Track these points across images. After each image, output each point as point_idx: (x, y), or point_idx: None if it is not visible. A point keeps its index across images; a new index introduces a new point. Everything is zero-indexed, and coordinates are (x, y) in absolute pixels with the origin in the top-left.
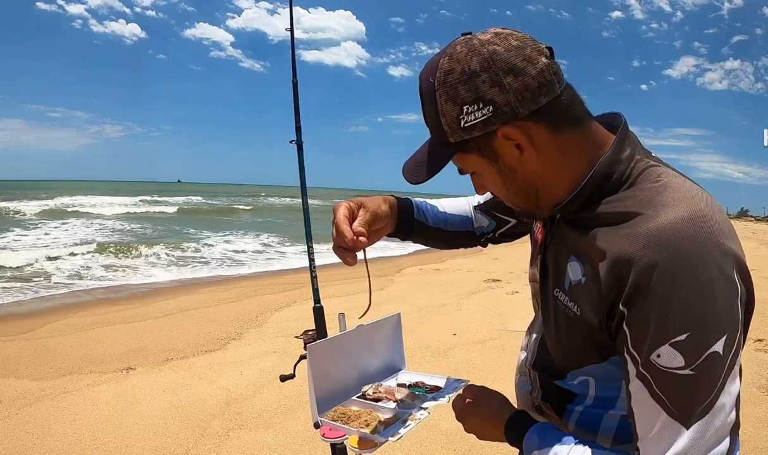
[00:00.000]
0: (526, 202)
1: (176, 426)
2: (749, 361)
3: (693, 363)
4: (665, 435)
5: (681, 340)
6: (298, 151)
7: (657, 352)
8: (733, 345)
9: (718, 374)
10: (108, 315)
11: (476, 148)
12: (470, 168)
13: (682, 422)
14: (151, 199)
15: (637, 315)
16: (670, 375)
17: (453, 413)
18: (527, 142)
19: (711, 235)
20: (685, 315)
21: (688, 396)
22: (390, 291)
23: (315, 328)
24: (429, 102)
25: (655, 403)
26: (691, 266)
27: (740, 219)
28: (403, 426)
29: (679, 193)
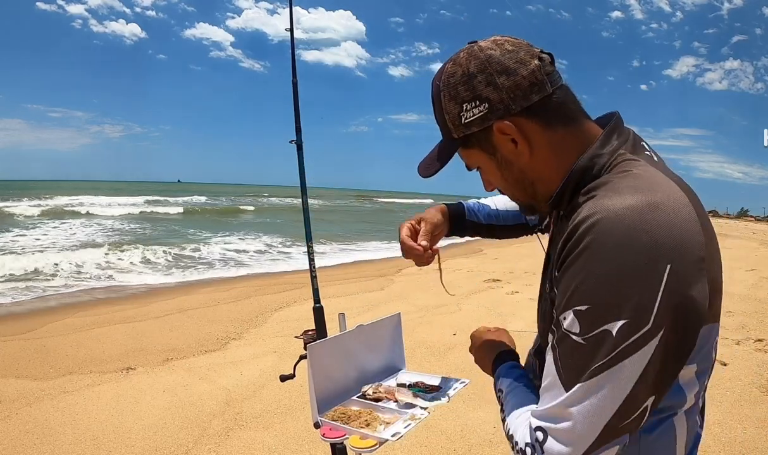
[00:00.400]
0: (524, 194)
1: (176, 426)
2: (749, 361)
3: (586, 334)
4: (552, 387)
5: (582, 310)
6: (298, 151)
7: (564, 315)
8: (634, 335)
9: (605, 353)
10: (108, 315)
11: (477, 143)
12: (474, 162)
13: (564, 383)
14: (155, 200)
15: (561, 281)
16: (567, 337)
17: (453, 413)
18: (520, 136)
19: (650, 228)
20: (592, 289)
21: (574, 361)
22: (390, 291)
23: (315, 328)
24: (437, 103)
25: (552, 360)
26: (614, 249)
27: (740, 219)
28: (403, 426)
29: (637, 183)
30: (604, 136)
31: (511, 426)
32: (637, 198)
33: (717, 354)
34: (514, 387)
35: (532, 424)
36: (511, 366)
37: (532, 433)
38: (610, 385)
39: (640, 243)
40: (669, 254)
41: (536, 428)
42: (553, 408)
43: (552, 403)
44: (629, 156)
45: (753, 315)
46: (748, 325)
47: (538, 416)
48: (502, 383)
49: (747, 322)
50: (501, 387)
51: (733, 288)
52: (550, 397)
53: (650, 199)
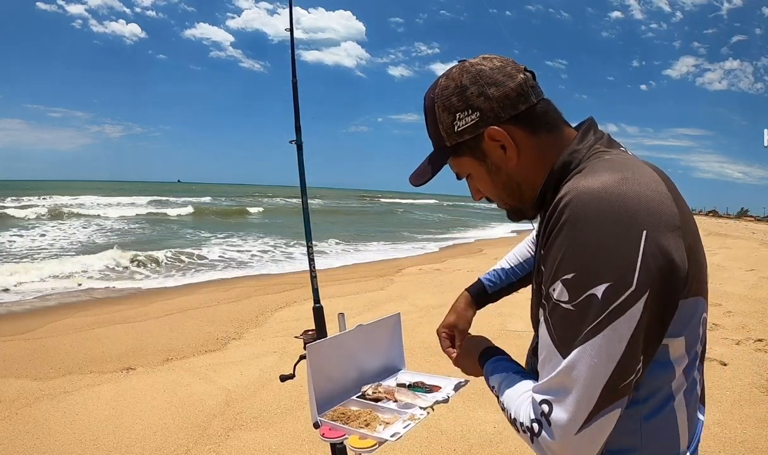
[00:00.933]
0: (512, 197)
1: (176, 426)
2: (749, 361)
3: (575, 300)
4: (551, 358)
5: (569, 278)
6: (298, 150)
7: (553, 287)
8: (619, 296)
9: (594, 315)
10: (108, 315)
11: (468, 151)
12: (464, 170)
13: (561, 351)
14: (160, 200)
15: (547, 256)
16: (558, 307)
17: (453, 413)
18: (509, 141)
19: (622, 198)
20: (575, 258)
21: (567, 328)
22: (390, 291)
23: (315, 328)
24: (430, 114)
25: (546, 331)
26: (592, 219)
27: (740, 219)
28: (402, 426)
29: (610, 164)
30: (581, 134)
31: (512, 410)
32: (610, 175)
33: (716, 354)
34: (505, 376)
35: (536, 399)
36: (497, 360)
37: (536, 408)
38: (603, 346)
39: (616, 212)
40: (644, 221)
41: (541, 401)
42: (553, 379)
43: (552, 374)
44: (604, 149)
45: (753, 315)
46: (748, 325)
47: (539, 390)
48: (493, 379)
49: (747, 322)
50: (493, 383)
51: (733, 288)
52: (550, 368)
53: (622, 175)
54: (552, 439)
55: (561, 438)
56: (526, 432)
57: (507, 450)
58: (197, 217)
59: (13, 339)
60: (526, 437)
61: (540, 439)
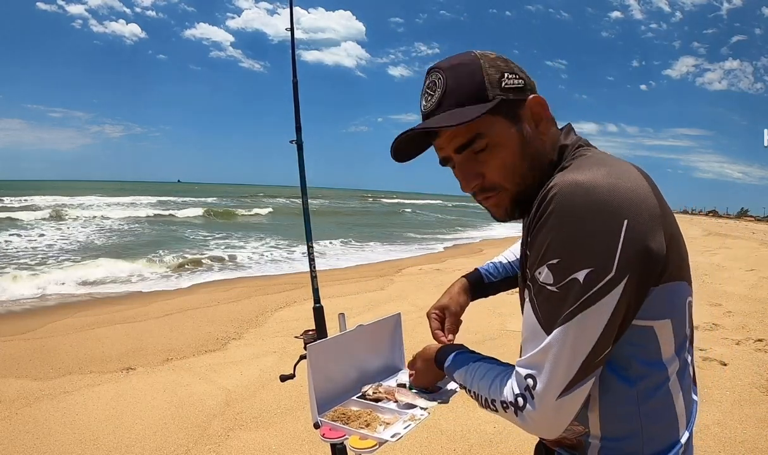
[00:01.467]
0: (531, 176)
1: (176, 426)
2: (749, 361)
3: (558, 283)
4: (535, 336)
5: (554, 263)
6: (298, 150)
7: (539, 270)
8: (599, 281)
9: (576, 298)
10: (108, 315)
11: (505, 111)
12: (491, 133)
13: (545, 329)
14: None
15: (534, 241)
16: (543, 289)
17: (453, 413)
18: (548, 114)
19: (604, 190)
20: (560, 245)
21: (551, 308)
22: (390, 291)
23: (315, 328)
24: (465, 67)
25: (532, 312)
26: (577, 209)
27: (740, 219)
28: (402, 427)
29: (594, 160)
30: (565, 132)
31: (491, 392)
32: (595, 169)
33: (716, 354)
34: (471, 366)
35: (521, 373)
36: (456, 354)
37: (521, 382)
38: (583, 326)
39: (600, 202)
40: (625, 210)
41: (526, 376)
42: (537, 355)
43: (536, 350)
44: (586, 146)
45: (753, 315)
46: (748, 325)
47: (524, 365)
48: (458, 375)
49: (747, 322)
50: (459, 379)
51: (733, 288)
52: (534, 345)
53: (606, 170)
54: (533, 409)
55: (541, 406)
56: (509, 408)
57: (507, 450)
58: (219, 219)
59: (13, 339)
60: (509, 413)
61: (525, 412)
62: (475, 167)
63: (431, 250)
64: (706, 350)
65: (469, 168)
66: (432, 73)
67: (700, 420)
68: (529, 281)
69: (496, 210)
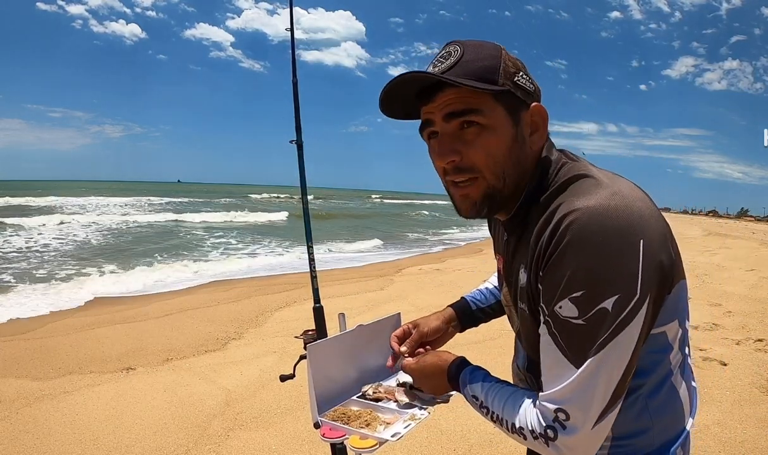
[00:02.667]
0: (512, 177)
1: (176, 426)
2: (749, 361)
3: (585, 315)
4: (560, 372)
5: (577, 296)
6: (298, 150)
7: (559, 304)
8: (627, 305)
9: (607, 327)
10: (108, 315)
11: (508, 104)
12: (487, 115)
13: (574, 362)
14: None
15: (549, 275)
16: (567, 323)
17: (453, 413)
18: (546, 125)
19: (617, 213)
20: (583, 276)
21: (579, 341)
22: (390, 291)
23: (315, 328)
24: (484, 48)
25: (555, 347)
26: (596, 238)
27: (740, 219)
28: (403, 427)
29: (595, 181)
30: (547, 147)
31: (517, 419)
32: (600, 192)
33: (716, 354)
34: (492, 386)
35: (548, 408)
36: (474, 369)
37: (548, 416)
38: (616, 354)
39: (614, 227)
40: (639, 230)
41: (555, 410)
42: (566, 388)
43: (564, 383)
44: (571, 158)
45: (753, 315)
46: (748, 325)
47: (551, 400)
48: (474, 388)
49: (747, 322)
50: (474, 392)
51: (733, 288)
52: (561, 379)
53: (611, 191)
54: (569, 438)
55: (577, 437)
56: (538, 438)
57: (507, 450)
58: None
59: (13, 339)
60: (538, 442)
61: (558, 442)
62: (456, 143)
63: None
64: (706, 350)
65: (451, 141)
66: (450, 45)
67: (700, 420)
68: (548, 317)
69: (462, 201)
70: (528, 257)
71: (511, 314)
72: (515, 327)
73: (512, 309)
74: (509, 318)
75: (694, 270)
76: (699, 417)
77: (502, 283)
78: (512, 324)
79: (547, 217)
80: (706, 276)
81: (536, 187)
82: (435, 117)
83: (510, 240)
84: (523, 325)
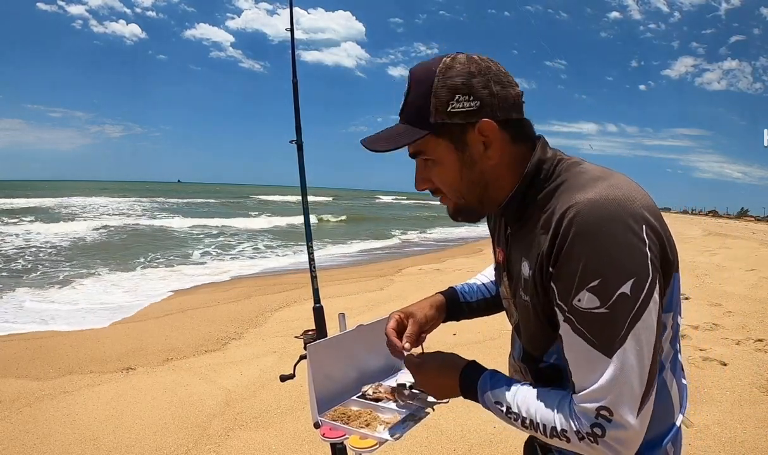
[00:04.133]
0: (472, 195)
1: (176, 426)
2: (749, 361)
3: (606, 303)
4: (594, 365)
5: (595, 285)
6: (298, 150)
7: (578, 297)
8: (643, 287)
9: (629, 310)
10: (108, 316)
11: (449, 135)
12: (432, 153)
13: (605, 353)
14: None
15: (561, 271)
16: (590, 315)
17: (453, 413)
18: (497, 139)
19: (618, 201)
20: (597, 265)
21: (606, 330)
22: (390, 291)
23: (315, 328)
24: (422, 85)
25: (582, 341)
26: (602, 227)
27: (740, 219)
28: (403, 426)
29: (592, 175)
30: (542, 146)
31: (558, 422)
32: (599, 185)
33: (716, 354)
34: (518, 390)
35: (590, 407)
36: (492, 374)
37: (591, 414)
38: (644, 336)
39: (618, 214)
40: (640, 215)
41: (598, 408)
42: (603, 383)
43: (599, 379)
44: (566, 156)
45: (753, 315)
46: (748, 325)
47: (591, 398)
48: (497, 395)
49: (747, 322)
50: (498, 399)
51: (733, 288)
52: (594, 374)
53: (608, 182)
54: (617, 432)
55: (625, 430)
56: (584, 439)
57: (507, 450)
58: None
59: (13, 339)
60: (584, 444)
61: (606, 438)
62: (425, 172)
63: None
64: (706, 350)
65: (420, 172)
66: (409, 75)
67: (700, 420)
68: (569, 313)
69: (447, 211)
70: (532, 251)
71: (509, 307)
72: (513, 321)
73: (510, 302)
74: (507, 311)
75: (694, 270)
76: (699, 417)
77: (502, 276)
78: (510, 317)
79: (549, 214)
80: (706, 276)
81: (530, 185)
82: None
83: (512, 233)
84: (522, 316)
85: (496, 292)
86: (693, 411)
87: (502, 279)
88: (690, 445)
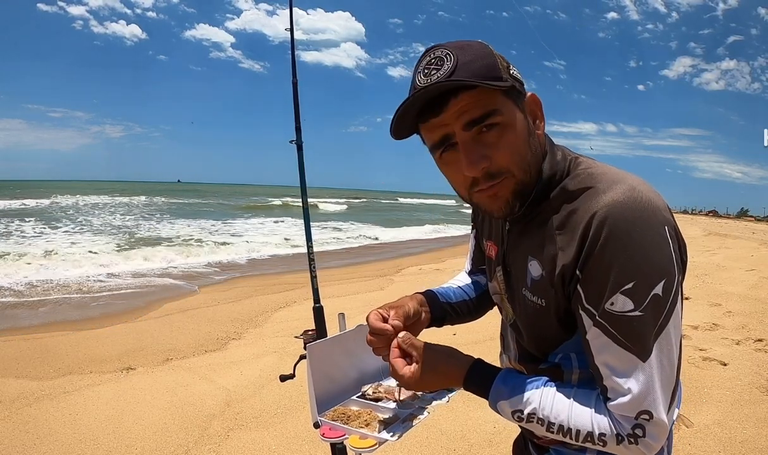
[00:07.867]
0: (535, 170)
1: (176, 426)
2: (749, 361)
3: (641, 305)
4: (630, 369)
5: (629, 288)
6: (298, 151)
7: (611, 301)
8: (672, 287)
9: (662, 311)
10: (108, 315)
11: (514, 99)
12: (504, 115)
13: (641, 356)
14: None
15: (591, 275)
16: (624, 318)
17: (453, 413)
18: (542, 111)
19: (644, 204)
20: (630, 267)
21: (641, 333)
22: (390, 291)
23: (315, 328)
24: (480, 48)
25: (616, 345)
26: (633, 230)
27: (740, 219)
28: (402, 426)
29: (611, 177)
30: (550, 144)
31: (595, 428)
32: (620, 187)
33: (716, 354)
34: (542, 395)
35: (629, 413)
36: (506, 377)
37: (631, 418)
38: (674, 335)
39: (645, 217)
40: (663, 218)
41: (638, 413)
42: (641, 386)
43: (641, 385)
44: (576, 155)
45: (753, 315)
46: (748, 325)
47: (630, 403)
48: (515, 403)
49: (747, 322)
50: (517, 407)
51: (733, 288)
52: (631, 379)
53: (629, 184)
54: (654, 429)
55: (661, 429)
56: (624, 441)
57: (507, 450)
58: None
59: (13, 339)
60: (623, 446)
61: (647, 438)
62: (482, 148)
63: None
64: (706, 350)
65: (477, 148)
66: (435, 50)
67: (700, 420)
68: (600, 317)
69: (492, 202)
70: (546, 252)
71: (503, 303)
72: (507, 318)
73: (503, 298)
74: (499, 307)
75: (694, 270)
76: (699, 417)
77: (494, 271)
78: (503, 313)
79: (568, 214)
80: (706, 276)
81: (548, 177)
82: (453, 128)
83: (513, 229)
84: (526, 316)
85: (477, 294)
86: (693, 411)
87: (495, 274)
88: (690, 445)
